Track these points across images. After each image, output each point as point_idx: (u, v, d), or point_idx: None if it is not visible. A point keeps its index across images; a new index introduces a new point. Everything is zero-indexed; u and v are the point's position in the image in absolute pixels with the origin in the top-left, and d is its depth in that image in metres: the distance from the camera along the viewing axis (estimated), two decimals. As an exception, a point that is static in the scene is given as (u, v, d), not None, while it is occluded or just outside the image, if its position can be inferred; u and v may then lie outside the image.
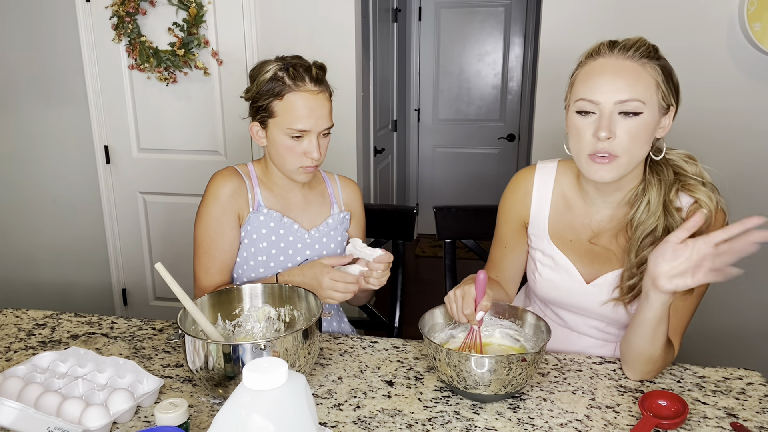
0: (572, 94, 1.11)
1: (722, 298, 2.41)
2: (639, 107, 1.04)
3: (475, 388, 1.04)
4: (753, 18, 2.10)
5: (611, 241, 1.21)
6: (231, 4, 2.55)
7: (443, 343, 1.18)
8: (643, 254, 1.13)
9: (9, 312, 1.47)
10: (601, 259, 1.22)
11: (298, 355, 1.04)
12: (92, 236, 2.97)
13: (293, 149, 1.32)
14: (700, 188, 1.13)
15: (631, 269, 1.15)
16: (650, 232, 1.13)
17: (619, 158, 1.06)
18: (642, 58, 1.06)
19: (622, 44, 1.07)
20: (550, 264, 1.26)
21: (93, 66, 2.72)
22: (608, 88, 1.04)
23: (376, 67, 3.22)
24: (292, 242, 1.42)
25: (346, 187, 1.53)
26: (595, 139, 1.06)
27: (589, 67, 1.08)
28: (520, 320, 1.19)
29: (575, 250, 1.24)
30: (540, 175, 1.28)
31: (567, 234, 1.24)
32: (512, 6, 4.21)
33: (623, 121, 1.05)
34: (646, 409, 1.02)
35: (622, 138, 1.05)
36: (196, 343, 1.00)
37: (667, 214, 1.13)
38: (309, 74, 1.30)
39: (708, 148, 2.30)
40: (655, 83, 1.06)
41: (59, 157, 2.90)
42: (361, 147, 2.85)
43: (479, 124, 4.48)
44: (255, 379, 0.63)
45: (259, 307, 1.24)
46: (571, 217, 1.24)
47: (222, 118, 2.70)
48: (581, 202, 1.24)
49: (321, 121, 1.31)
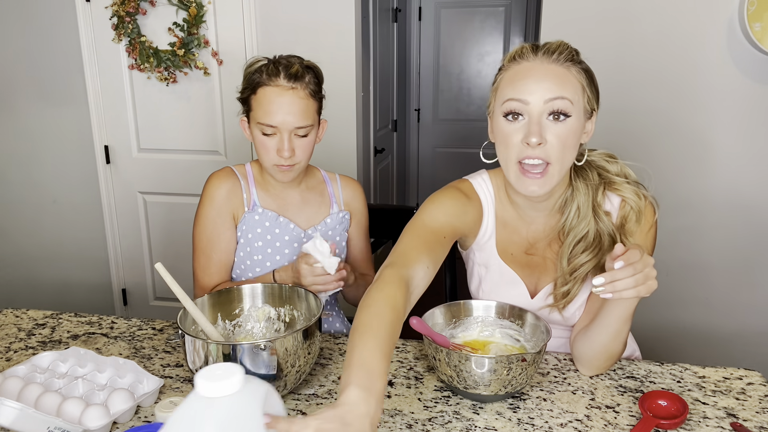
0: (497, 97, 1.07)
1: (722, 299, 2.41)
2: (568, 107, 1.01)
3: (475, 388, 1.04)
4: (753, 18, 2.10)
5: (546, 249, 1.20)
6: (231, 4, 2.55)
7: None
8: (576, 261, 1.12)
9: (9, 312, 1.47)
10: (540, 268, 1.21)
11: (298, 355, 1.04)
12: (92, 236, 2.97)
13: (266, 145, 1.31)
14: (625, 186, 1.12)
15: (564, 276, 1.14)
16: (582, 238, 1.12)
17: (552, 167, 1.03)
18: (566, 62, 1.04)
19: (546, 48, 1.04)
20: (497, 279, 1.23)
21: (93, 66, 2.72)
22: (537, 86, 1.01)
23: (376, 67, 3.22)
24: (288, 241, 1.42)
25: (347, 187, 1.52)
26: (524, 145, 1.03)
27: (514, 71, 1.05)
28: (520, 320, 1.19)
29: (516, 263, 1.22)
30: (479, 188, 1.22)
31: (509, 248, 1.22)
32: (512, 6, 4.21)
33: (553, 125, 1.02)
34: (646, 409, 1.02)
35: (552, 143, 1.02)
36: (196, 343, 1.00)
37: (597, 219, 1.12)
38: (287, 71, 1.29)
39: (707, 148, 2.30)
40: (581, 86, 1.04)
41: (59, 157, 2.90)
42: (361, 147, 2.85)
43: (479, 124, 4.48)
44: (207, 386, 0.61)
45: (259, 307, 1.24)
46: (509, 230, 1.22)
47: (222, 118, 2.70)
48: (515, 214, 1.21)
49: (290, 118, 1.28)
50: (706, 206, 2.33)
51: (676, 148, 2.29)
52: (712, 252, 2.38)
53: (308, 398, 1.10)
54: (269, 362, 1.00)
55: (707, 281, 2.40)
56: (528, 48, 1.05)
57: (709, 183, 2.32)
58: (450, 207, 1.16)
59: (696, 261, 2.38)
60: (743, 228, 2.33)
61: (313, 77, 1.33)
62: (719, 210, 2.34)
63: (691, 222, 2.35)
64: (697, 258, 2.38)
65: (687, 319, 2.45)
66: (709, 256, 2.39)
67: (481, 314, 1.22)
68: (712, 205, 2.34)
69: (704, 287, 2.41)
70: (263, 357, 0.99)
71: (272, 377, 1.01)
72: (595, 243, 1.11)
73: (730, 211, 2.33)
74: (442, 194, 1.19)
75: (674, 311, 2.42)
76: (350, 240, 1.53)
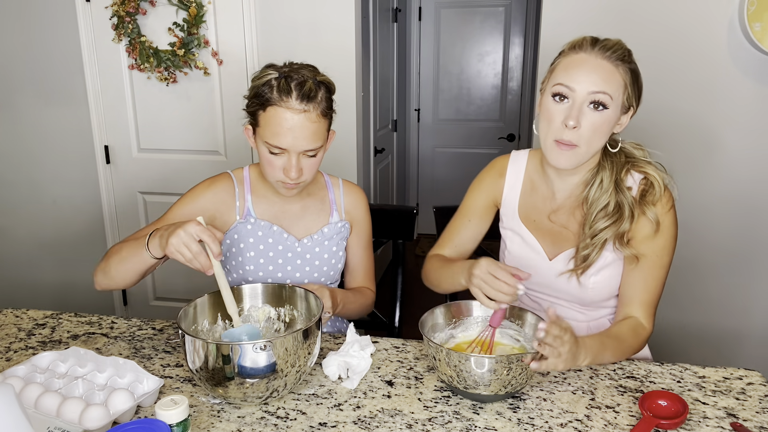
0: (551, 78, 1.21)
1: (722, 299, 2.42)
2: (607, 101, 1.15)
3: (475, 388, 1.04)
4: (753, 18, 2.10)
5: (569, 218, 1.32)
6: (231, 4, 2.55)
7: (443, 343, 1.18)
8: (596, 226, 1.24)
9: (9, 312, 1.47)
10: (561, 236, 1.32)
11: (298, 355, 1.04)
12: (92, 236, 2.97)
13: (272, 163, 1.26)
14: (648, 166, 1.26)
15: (585, 240, 1.25)
16: (603, 208, 1.24)
17: (579, 148, 1.18)
18: (617, 60, 1.16)
19: (603, 44, 1.17)
20: (519, 242, 1.37)
21: (93, 66, 2.72)
22: (585, 78, 1.15)
23: (376, 67, 3.22)
24: (282, 251, 1.39)
25: (349, 194, 1.48)
26: (562, 126, 1.17)
27: (570, 59, 1.18)
28: (520, 320, 1.19)
29: (539, 229, 1.35)
30: (513, 162, 1.40)
31: (532, 214, 1.36)
32: (512, 6, 4.21)
33: (591, 113, 1.16)
34: (646, 409, 1.02)
35: (585, 129, 1.16)
36: (196, 343, 1.00)
37: (618, 191, 1.24)
38: (299, 89, 1.21)
39: (708, 148, 2.30)
40: (624, 84, 1.18)
41: (59, 157, 2.90)
42: (361, 147, 2.85)
43: (479, 124, 4.48)
44: None
45: (259, 307, 1.24)
46: (535, 198, 1.36)
47: (222, 118, 2.70)
48: (544, 185, 1.35)
49: (300, 142, 1.23)
50: (706, 206, 2.33)
51: (676, 148, 2.29)
52: (712, 252, 2.38)
53: (308, 398, 1.10)
54: (269, 362, 1.00)
55: (707, 281, 2.40)
56: (588, 40, 1.18)
57: (709, 182, 2.32)
58: (479, 181, 1.44)
59: (696, 261, 2.38)
60: (743, 227, 2.33)
61: (325, 93, 1.26)
62: (719, 209, 2.34)
63: (691, 221, 2.35)
64: (698, 258, 2.38)
65: (687, 319, 2.45)
66: (709, 256, 2.39)
67: (481, 314, 1.22)
68: (712, 205, 2.34)
69: (704, 287, 2.41)
70: (263, 357, 0.99)
71: (272, 377, 1.01)
72: (615, 212, 1.23)
73: (730, 210, 2.33)
74: (479, 176, 1.44)
75: (674, 311, 2.42)
76: (349, 249, 1.49)
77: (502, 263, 1.34)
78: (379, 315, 1.72)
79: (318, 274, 1.43)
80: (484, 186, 1.42)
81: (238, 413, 1.05)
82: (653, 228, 1.23)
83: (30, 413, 0.92)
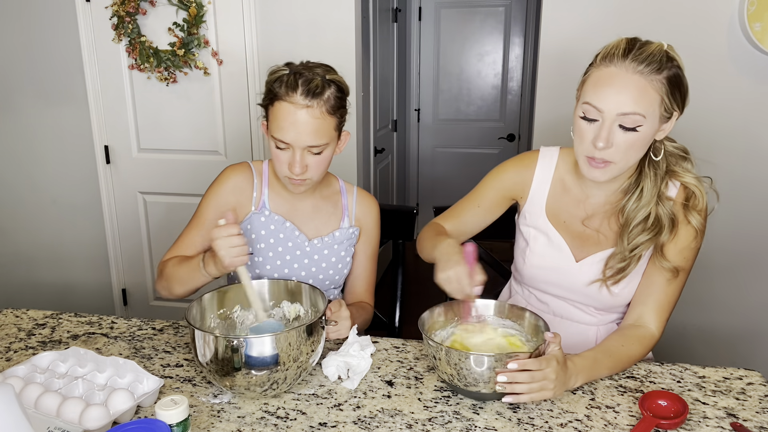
0: (582, 92, 1.15)
1: (722, 299, 2.41)
2: (639, 121, 1.09)
3: (475, 386, 1.04)
4: (753, 18, 2.10)
5: (603, 223, 1.28)
6: (231, 4, 2.55)
7: (443, 342, 1.19)
8: (636, 240, 1.20)
9: (9, 312, 1.47)
10: (592, 240, 1.28)
11: (300, 351, 1.06)
12: (92, 236, 2.97)
13: (279, 158, 1.29)
14: (687, 174, 1.22)
15: (623, 253, 1.22)
16: (642, 221, 1.20)
17: (614, 164, 1.14)
18: (651, 74, 1.08)
19: (637, 54, 1.09)
20: (544, 241, 1.32)
21: (93, 66, 2.72)
22: (615, 98, 1.09)
23: (376, 67, 3.22)
24: (291, 248, 1.40)
25: (362, 202, 1.49)
26: (592, 146, 1.12)
27: (601, 73, 1.12)
28: (520, 320, 1.20)
29: (568, 231, 1.30)
30: (543, 159, 1.34)
31: (562, 215, 1.31)
32: (512, 6, 4.21)
33: (622, 133, 1.11)
34: (646, 409, 1.02)
35: (618, 147, 1.11)
36: (207, 337, 1.03)
37: (659, 203, 1.20)
38: (306, 86, 1.23)
39: (708, 148, 2.30)
40: (660, 99, 1.10)
41: (59, 157, 2.90)
42: (361, 147, 2.85)
43: (479, 124, 4.48)
44: None
45: (291, 304, 1.27)
46: (567, 199, 1.31)
47: (222, 118, 2.70)
48: (578, 188, 1.31)
49: (303, 137, 1.25)
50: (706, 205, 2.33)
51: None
52: (713, 252, 2.38)
53: (308, 398, 1.10)
54: (273, 353, 1.03)
55: (708, 281, 2.40)
56: (621, 49, 1.10)
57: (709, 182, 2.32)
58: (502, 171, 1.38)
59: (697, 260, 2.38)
60: (743, 228, 2.33)
61: (334, 92, 1.27)
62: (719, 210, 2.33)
63: (691, 222, 2.35)
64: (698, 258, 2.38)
65: (687, 319, 2.45)
66: (710, 256, 2.38)
67: (482, 314, 1.22)
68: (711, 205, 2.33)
69: (705, 287, 2.41)
70: (269, 349, 1.02)
71: (274, 368, 1.03)
72: (654, 225, 1.20)
73: (731, 210, 2.33)
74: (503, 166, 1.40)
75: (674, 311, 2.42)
76: (354, 256, 1.49)
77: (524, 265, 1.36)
78: (379, 315, 1.72)
79: (323, 276, 1.44)
80: (505, 178, 1.37)
81: (238, 413, 1.05)
82: (695, 236, 1.21)
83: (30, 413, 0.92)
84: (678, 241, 1.21)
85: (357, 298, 1.52)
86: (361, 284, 1.52)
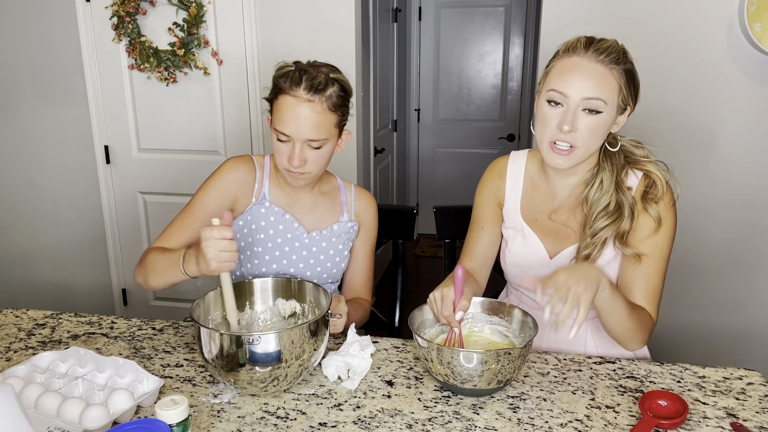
0: (546, 82, 1.22)
1: (722, 299, 2.42)
2: (600, 106, 1.16)
3: (470, 381, 1.05)
4: (753, 18, 2.10)
5: (569, 217, 1.33)
6: (231, 5, 2.55)
7: (433, 339, 1.20)
8: (596, 226, 1.26)
9: (9, 312, 1.47)
10: (562, 236, 1.33)
11: (303, 349, 1.06)
12: (92, 236, 2.97)
13: (279, 150, 1.32)
14: (649, 164, 1.27)
15: (586, 239, 1.27)
16: (603, 208, 1.26)
17: (577, 149, 1.19)
18: (611, 63, 1.16)
19: (597, 46, 1.17)
20: (520, 240, 1.37)
21: (93, 66, 2.72)
22: (578, 84, 1.16)
23: (376, 67, 3.22)
24: (290, 240, 1.42)
25: (360, 198, 1.51)
26: (557, 130, 1.18)
27: (564, 63, 1.19)
28: (508, 317, 1.23)
29: (540, 228, 1.36)
30: (513, 163, 1.41)
31: (533, 213, 1.37)
32: (512, 6, 4.21)
33: (585, 117, 1.17)
34: (646, 409, 1.02)
35: (582, 131, 1.18)
36: (213, 333, 1.05)
37: (619, 191, 1.26)
38: (309, 81, 1.27)
39: (708, 147, 2.30)
40: (618, 87, 1.18)
41: (59, 157, 2.90)
42: (361, 147, 2.85)
43: (479, 124, 4.48)
44: None
45: (287, 301, 1.28)
46: (537, 197, 1.37)
47: (222, 118, 2.70)
48: (544, 184, 1.37)
49: (303, 130, 1.27)
50: (706, 206, 2.33)
51: (676, 148, 2.29)
52: (712, 252, 2.38)
53: (308, 398, 1.10)
54: (276, 350, 1.04)
55: (707, 281, 2.40)
56: (582, 42, 1.19)
57: (709, 183, 2.32)
58: (482, 186, 1.45)
59: (696, 261, 2.38)
60: (743, 227, 2.33)
61: (337, 90, 1.30)
62: (719, 210, 2.34)
63: (691, 221, 2.35)
64: (697, 258, 2.38)
65: (687, 319, 2.45)
66: (709, 257, 2.39)
67: (471, 311, 1.24)
68: (711, 205, 2.34)
69: (704, 287, 2.41)
70: (272, 345, 1.03)
71: (276, 365, 1.04)
72: (615, 212, 1.25)
73: (730, 210, 2.33)
74: (481, 181, 1.45)
75: (674, 311, 2.42)
76: (352, 252, 1.51)
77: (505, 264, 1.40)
78: (379, 315, 1.72)
79: (321, 269, 1.45)
80: (487, 190, 1.43)
81: (238, 413, 1.05)
82: (655, 225, 1.24)
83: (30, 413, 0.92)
84: (639, 230, 1.25)
85: (355, 294, 1.53)
86: (359, 280, 1.53)
